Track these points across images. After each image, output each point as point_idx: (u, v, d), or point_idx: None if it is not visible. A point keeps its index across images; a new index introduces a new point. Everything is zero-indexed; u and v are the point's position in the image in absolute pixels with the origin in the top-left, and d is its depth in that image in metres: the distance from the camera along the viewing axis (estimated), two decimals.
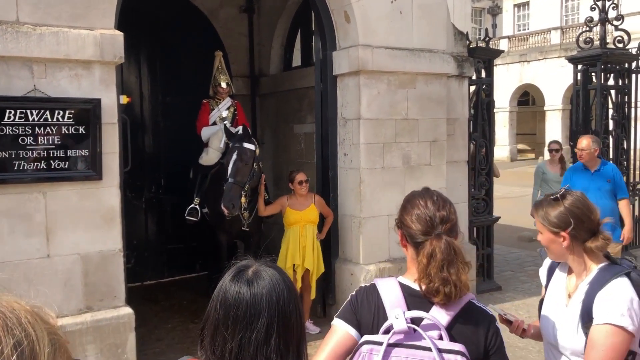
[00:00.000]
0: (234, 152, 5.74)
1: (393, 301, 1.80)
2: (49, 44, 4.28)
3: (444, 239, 1.76)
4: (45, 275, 4.39)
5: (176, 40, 7.91)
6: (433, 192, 1.91)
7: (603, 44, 8.71)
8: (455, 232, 1.84)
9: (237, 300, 1.36)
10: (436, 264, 1.73)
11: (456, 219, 1.86)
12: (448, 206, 1.86)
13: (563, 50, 27.03)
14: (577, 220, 2.15)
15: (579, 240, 2.16)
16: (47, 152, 4.34)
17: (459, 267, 1.74)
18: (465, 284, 1.75)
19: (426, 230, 1.80)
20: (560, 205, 2.18)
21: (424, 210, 1.83)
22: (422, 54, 6.21)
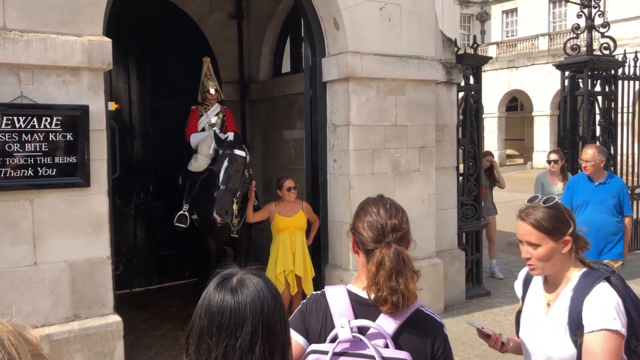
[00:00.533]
0: (225, 159, 5.73)
1: (340, 310, 1.80)
2: (36, 51, 4.26)
3: (394, 248, 1.76)
4: (32, 284, 4.35)
5: (165, 46, 7.90)
6: (387, 200, 1.91)
7: (590, 51, 8.80)
8: (406, 240, 1.85)
9: (221, 309, 1.36)
10: (385, 273, 1.73)
11: (408, 228, 1.86)
12: (400, 215, 1.86)
13: (551, 57, 27.26)
14: (574, 221, 2.17)
15: (575, 244, 2.17)
16: (34, 159, 4.31)
17: (408, 276, 1.74)
18: (413, 292, 1.75)
19: (377, 238, 1.80)
20: (553, 209, 2.15)
21: (376, 217, 1.83)
22: (410, 60, 6.24)
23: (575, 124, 8.83)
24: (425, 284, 6.47)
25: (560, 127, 9.25)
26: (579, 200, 5.79)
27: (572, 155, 8.76)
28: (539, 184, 7.37)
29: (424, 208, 6.48)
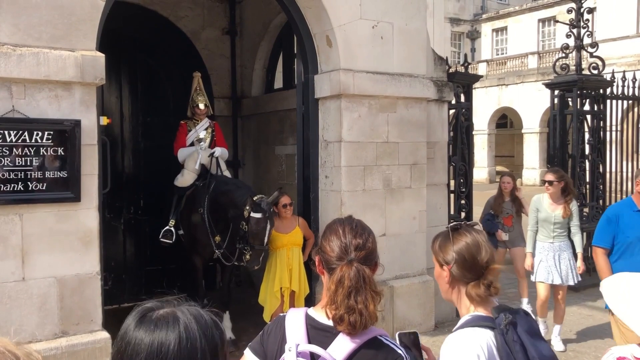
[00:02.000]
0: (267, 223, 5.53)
1: (294, 333, 1.79)
2: (29, 65, 4.25)
3: (355, 266, 1.75)
4: (20, 299, 4.30)
5: (158, 61, 7.92)
6: (354, 220, 1.92)
7: (579, 70, 8.92)
8: (371, 261, 1.84)
9: (135, 349, 1.18)
10: (343, 291, 1.71)
11: (373, 248, 1.85)
12: (366, 235, 1.86)
13: (540, 74, 27.58)
14: (460, 256, 1.96)
15: (459, 280, 1.97)
16: (25, 174, 4.28)
17: (368, 296, 1.72)
18: (373, 314, 1.72)
19: (340, 256, 1.79)
20: (448, 238, 2.02)
21: (342, 237, 1.83)
22: (402, 78, 6.29)
23: (565, 142, 8.92)
24: (416, 301, 6.47)
25: (550, 145, 9.33)
26: (632, 236, 4.45)
27: None
28: (534, 210, 6.21)
29: (415, 225, 6.49)
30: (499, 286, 1.94)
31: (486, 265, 1.93)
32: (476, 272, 1.93)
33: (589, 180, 8.92)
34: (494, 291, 1.93)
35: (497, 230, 7.14)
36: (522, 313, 1.92)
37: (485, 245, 1.95)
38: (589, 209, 8.86)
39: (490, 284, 1.92)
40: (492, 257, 1.96)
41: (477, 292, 1.92)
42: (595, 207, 8.91)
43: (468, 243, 1.96)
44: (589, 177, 8.92)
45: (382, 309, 6.20)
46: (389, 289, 6.26)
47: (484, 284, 1.92)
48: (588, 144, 8.98)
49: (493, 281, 1.93)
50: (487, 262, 1.94)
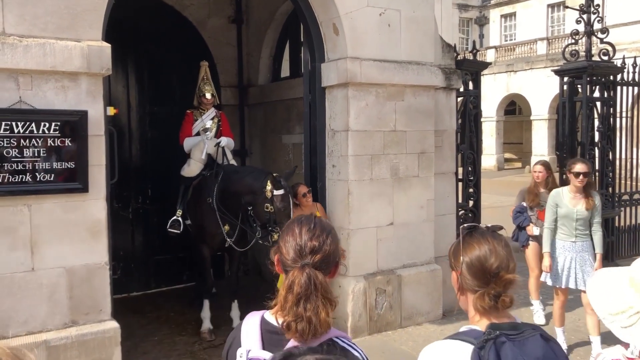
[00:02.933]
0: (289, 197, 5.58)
1: (248, 339, 1.74)
2: (35, 56, 4.24)
3: (307, 272, 1.67)
4: (30, 290, 4.34)
5: (164, 51, 7.89)
6: (313, 220, 1.81)
7: (588, 57, 8.81)
8: (328, 264, 1.74)
9: None
10: (292, 297, 1.65)
11: (331, 251, 1.75)
12: (324, 236, 1.75)
13: (549, 61, 27.32)
14: (467, 261, 1.81)
15: (467, 288, 1.82)
16: (33, 165, 4.29)
17: (319, 304, 1.64)
18: (325, 322, 1.64)
19: (295, 259, 1.72)
20: (459, 241, 1.87)
21: (297, 238, 1.75)
22: (410, 66, 6.24)
23: (574, 129, 8.84)
24: (424, 289, 6.47)
25: (558, 132, 9.25)
26: None
27: None
28: (552, 206, 5.72)
29: (423, 214, 6.47)
30: (509, 298, 1.74)
31: (495, 273, 1.74)
32: (484, 280, 1.76)
33: (599, 167, 8.85)
34: (502, 304, 1.73)
35: (529, 223, 6.60)
36: (539, 336, 1.70)
37: (498, 252, 1.76)
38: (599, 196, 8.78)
39: (498, 295, 1.73)
40: (505, 265, 1.76)
41: (480, 303, 1.74)
42: (604, 194, 8.84)
43: (477, 247, 1.79)
44: (598, 165, 8.85)
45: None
46: (397, 277, 6.26)
47: (490, 294, 1.73)
48: (597, 131, 8.89)
49: (502, 292, 1.73)
50: (497, 269, 1.74)
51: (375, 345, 5.86)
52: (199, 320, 6.31)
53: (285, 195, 5.51)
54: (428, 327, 6.35)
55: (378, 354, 5.65)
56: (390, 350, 5.77)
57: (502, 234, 1.88)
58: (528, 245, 6.64)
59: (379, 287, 6.13)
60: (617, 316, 1.93)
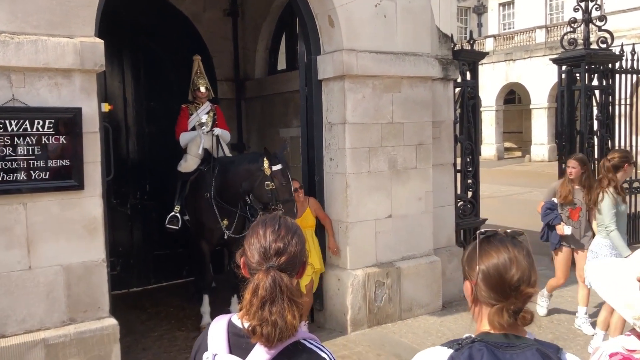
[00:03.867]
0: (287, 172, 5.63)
1: (215, 342, 1.71)
2: (27, 53, 4.21)
3: (272, 275, 1.63)
4: (27, 288, 4.32)
5: (160, 45, 7.85)
6: (278, 220, 1.77)
7: (587, 45, 8.76)
8: (294, 266, 1.70)
9: None
10: (257, 301, 1.61)
11: (296, 252, 1.71)
12: (289, 237, 1.71)
13: (548, 49, 27.22)
14: (484, 272, 1.63)
15: (483, 301, 1.65)
16: (27, 163, 4.27)
17: (285, 307, 1.60)
18: (291, 325, 1.60)
19: (260, 262, 1.68)
20: (475, 249, 1.69)
21: (262, 239, 1.71)
22: (406, 57, 6.20)
23: (573, 118, 8.80)
24: (423, 281, 6.46)
25: (557, 121, 9.21)
26: None
27: (569, 150, 8.73)
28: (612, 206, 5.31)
29: (421, 206, 6.45)
30: (530, 315, 1.61)
31: (516, 286, 1.58)
32: (502, 294, 1.59)
33: (598, 156, 8.82)
34: (522, 321, 1.60)
35: (560, 222, 6.02)
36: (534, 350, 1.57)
37: (520, 262, 1.60)
38: None
39: (518, 310, 1.59)
40: (526, 278, 1.60)
41: (498, 320, 1.58)
42: None
43: (496, 256, 1.62)
44: (597, 154, 8.82)
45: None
46: (396, 270, 6.25)
47: (509, 310, 1.58)
48: (596, 119, 8.86)
49: (522, 308, 1.59)
50: (519, 282, 1.58)
51: (375, 338, 5.86)
52: (198, 315, 6.31)
53: (284, 170, 5.58)
54: (428, 319, 6.34)
55: (378, 346, 5.65)
56: (390, 342, 5.77)
57: (524, 240, 1.70)
58: (561, 249, 6.15)
59: (378, 280, 6.13)
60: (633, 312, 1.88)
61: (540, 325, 6.15)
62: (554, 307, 6.72)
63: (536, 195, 17.19)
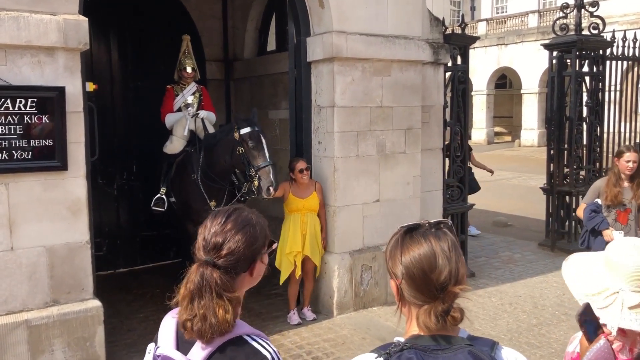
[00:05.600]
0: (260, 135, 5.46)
1: (163, 335, 1.69)
2: (8, 30, 4.11)
3: (202, 270, 1.57)
4: (9, 269, 4.27)
5: (148, 24, 7.72)
6: (229, 213, 1.68)
7: (578, 31, 8.73)
8: (237, 263, 1.61)
9: None
10: (187, 295, 1.58)
11: (240, 249, 1.61)
12: (232, 233, 1.62)
13: (540, 34, 27.16)
14: (408, 271, 1.49)
15: (409, 301, 1.52)
16: (9, 142, 4.19)
17: (214, 303, 1.55)
18: (223, 320, 1.55)
19: (200, 254, 1.63)
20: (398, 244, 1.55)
21: (205, 231, 1.65)
22: (397, 40, 6.13)
23: (563, 104, 8.80)
24: None
25: (547, 107, 9.21)
26: None
27: (558, 136, 8.75)
28: None
29: (409, 190, 6.45)
30: (459, 314, 1.46)
31: (442, 286, 1.45)
32: (429, 295, 1.46)
33: (586, 143, 8.85)
34: (452, 321, 1.45)
35: (607, 227, 5.15)
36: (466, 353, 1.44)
37: (445, 257, 1.47)
38: (585, 172, 8.81)
39: (445, 312, 1.44)
40: (454, 275, 1.46)
41: (426, 322, 1.45)
42: (591, 170, 8.85)
43: (420, 254, 1.47)
44: (586, 140, 8.84)
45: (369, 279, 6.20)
46: (383, 254, 6.21)
47: (437, 311, 1.44)
48: (586, 106, 8.86)
49: (451, 307, 1.45)
50: (445, 282, 1.45)
51: (361, 321, 5.88)
52: None
53: (252, 132, 5.43)
54: None
55: (363, 329, 5.67)
56: (376, 325, 5.79)
57: (449, 229, 1.56)
58: None
59: (364, 264, 6.13)
60: (594, 297, 1.94)
61: (525, 310, 6.20)
62: (539, 292, 6.78)
63: (525, 180, 17.28)
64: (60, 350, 4.43)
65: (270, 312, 6.18)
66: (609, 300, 1.92)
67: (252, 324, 1.69)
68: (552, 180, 8.85)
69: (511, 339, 5.42)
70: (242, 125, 5.48)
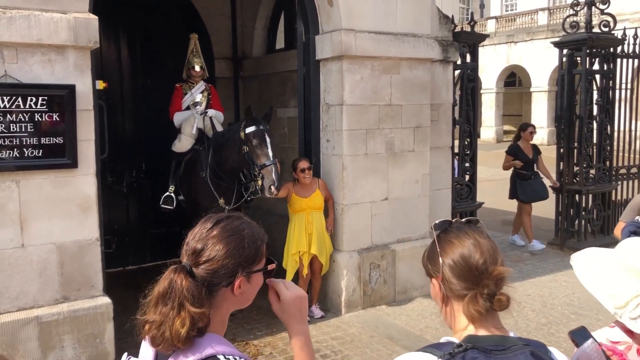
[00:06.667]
0: (264, 134, 5.47)
1: (145, 345, 1.60)
2: (20, 28, 4.14)
3: (172, 276, 1.46)
4: (20, 266, 4.31)
5: (157, 22, 7.75)
6: (219, 220, 1.57)
7: (589, 28, 8.66)
8: (216, 274, 1.48)
9: None
10: (153, 298, 1.47)
11: (220, 259, 1.48)
12: (215, 240, 1.50)
13: (550, 32, 26.98)
14: (450, 265, 1.52)
15: (453, 294, 1.53)
16: (20, 140, 4.22)
17: (174, 313, 1.42)
18: (177, 333, 1.40)
19: (181, 259, 1.54)
20: (434, 243, 1.58)
21: (190, 236, 1.55)
22: (406, 38, 6.12)
23: (573, 102, 8.74)
24: (418, 264, 6.40)
25: (557, 105, 9.15)
26: None
27: (568, 135, 8.70)
28: None
29: (418, 189, 6.43)
30: (505, 297, 1.47)
31: (484, 268, 1.47)
32: (472, 280, 1.48)
33: (596, 141, 8.79)
34: (498, 304, 1.46)
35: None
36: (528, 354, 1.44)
37: (482, 245, 1.51)
38: (596, 170, 8.76)
39: (492, 294, 1.45)
40: (493, 258, 1.50)
41: (474, 307, 1.46)
42: (601, 168, 8.80)
43: (458, 243, 1.52)
44: (596, 138, 8.78)
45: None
46: (391, 252, 6.25)
47: (483, 294, 1.45)
48: (596, 104, 8.80)
49: (496, 290, 1.46)
50: (485, 264, 1.48)
51: (369, 320, 5.88)
52: None
53: (257, 131, 5.42)
54: (422, 302, 6.36)
55: (372, 328, 5.67)
56: (384, 324, 5.79)
57: (481, 226, 1.61)
58: None
59: (373, 262, 6.13)
60: (624, 308, 1.84)
61: (534, 309, 6.18)
62: (548, 292, 6.75)
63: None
64: (70, 347, 4.46)
65: None
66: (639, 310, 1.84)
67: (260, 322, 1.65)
68: (562, 179, 8.79)
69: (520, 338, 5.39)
70: (248, 124, 5.50)
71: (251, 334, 5.51)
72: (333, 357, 5.05)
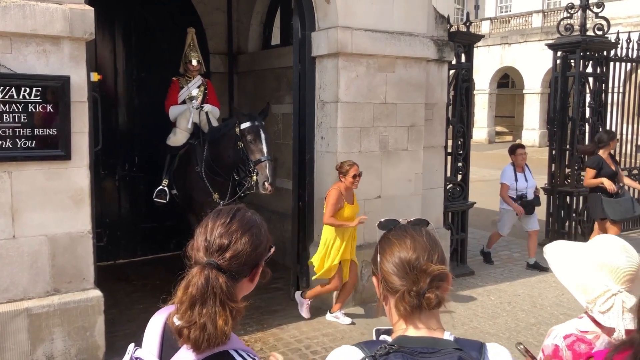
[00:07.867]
0: (259, 130, 5.46)
1: (149, 336, 1.61)
2: (14, 18, 4.11)
3: (205, 273, 1.46)
4: (11, 257, 4.28)
5: (153, 15, 7.72)
6: (233, 212, 1.59)
7: (583, 31, 8.72)
8: (242, 267, 1.52)
9: None
10: (188, 300, 1.46)
11: (246, 251, 1.52)
12: (239, 233, 1.53)
13: (544, 34, 27.11)
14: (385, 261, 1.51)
15: (388, 291, 1.50)
16: (13, 131, 4.19)
17: (216, 311, 1.44)
18: (222, 331, 1.44)
19: (202, 256, 1.52)
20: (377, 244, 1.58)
21: (208, 232, 1.54)
22: (402, 37, 6.13)
23: (565, 104, 8.80)
24: None
25: (550, 107, 9.21)
26: None
27: (560, 137, 8.75)
28: None
29: (411, 187, 6.45)
30: (434, 295, 1.42)
31: (415, 265, 1.45)
32: (405, 277, 1.46)
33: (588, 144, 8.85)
34: (427, 302, 1.42)
35: None
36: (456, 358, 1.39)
37: (418, 242, 1.49)
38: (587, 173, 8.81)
39: (421, 292, 1.41)
40: (428, 256, 1.47)
41: (402, 304, 1.44)
42: None
43: (395, 241, 1.52)
44: (587, 141, 8.84)
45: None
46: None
47: (412, 291, 1.42)
48: (589, 107, 8.86)
49: (427, 289, 1.42)
50: (417, 260, 1.45)
51: (361, 316, 5.89)
52: None
53: (252, 127, 5.44)
54: None
55: (363, 325, 5.69)
56: (375, 321, 5.80)
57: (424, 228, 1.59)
58: None
59: (364, 259, 6.13)
60: (594, 302, 1.94)
61: (524, 309, 6.22)
62: (538, 292, 6.79)
63: None
64: (60, 339, 4.44)
65: (270, 306, 6.19)
66: (609, 303, 1.92)
67: (251, 317, 1.65)
68: (554, 181, 8.85)
69: (509, 337, 5.43)
70: (243, 120, 5.49)
71: (242, 329, 5.51)
72: (324, 354, 5.06)
